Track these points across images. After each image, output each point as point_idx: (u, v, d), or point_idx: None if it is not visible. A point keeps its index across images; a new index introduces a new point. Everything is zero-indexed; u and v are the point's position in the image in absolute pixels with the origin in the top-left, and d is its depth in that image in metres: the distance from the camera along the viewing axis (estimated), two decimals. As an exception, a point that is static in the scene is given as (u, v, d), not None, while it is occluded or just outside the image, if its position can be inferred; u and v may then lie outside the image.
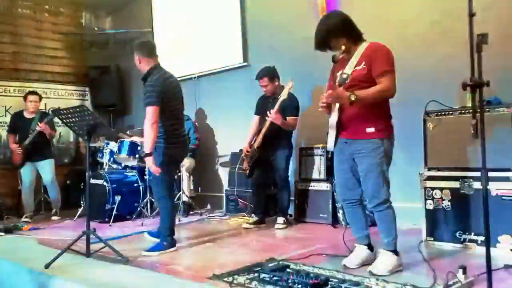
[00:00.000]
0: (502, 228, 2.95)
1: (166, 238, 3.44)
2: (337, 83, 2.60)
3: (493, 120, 2.98)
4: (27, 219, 5.30)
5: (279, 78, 4.47)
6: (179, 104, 3.64)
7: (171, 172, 3.58)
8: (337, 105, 2.68)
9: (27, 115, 5.52)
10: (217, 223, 4.88)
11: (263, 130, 4.34)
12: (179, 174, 5.05)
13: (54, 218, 5.52)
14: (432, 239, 3.32)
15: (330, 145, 2.75)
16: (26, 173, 5.46)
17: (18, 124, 5.51)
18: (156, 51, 3.61)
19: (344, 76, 2.66)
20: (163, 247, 3.39)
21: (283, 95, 4.18)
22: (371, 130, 2.62)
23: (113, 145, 5.52)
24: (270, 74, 4.43)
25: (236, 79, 5.80)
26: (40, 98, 5.64)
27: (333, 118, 2.70)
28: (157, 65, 3.56)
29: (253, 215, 4.58)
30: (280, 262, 2.78)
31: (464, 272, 2.25)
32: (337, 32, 2.66)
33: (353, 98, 2.50)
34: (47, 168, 5.49)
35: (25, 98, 5.56)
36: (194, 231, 3.62)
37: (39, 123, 5.30)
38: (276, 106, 4.19)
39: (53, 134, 5.58)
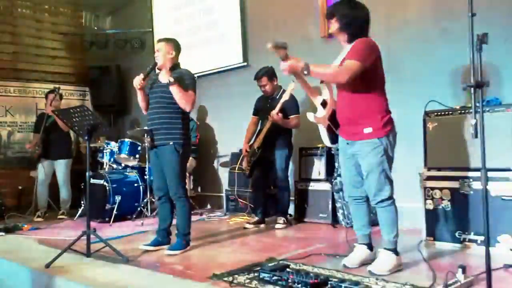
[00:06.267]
0: (501, 228, 2.95)
1: (187, 237, 3.48)
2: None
3: (493, 120, 2.97)
4: (39, 219, 5.32)
5: (277, 77, 4.48)
6: None
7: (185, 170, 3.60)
8: (319, 99, 2.72)
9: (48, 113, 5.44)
10: (217, 223, 4.88)
11: (264, 130, 4.35)
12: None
13: (60, 216, 5.44)
14: (432, 239, 3.32)
15: (326, 141, 2.77)
16: (41, 170, 5.46)
17: (40, 123, 5.46)
18: None
19: None
20: (183, 246, 3.42)
21: (285, 97, 4.18)
22: (368, 130, 2.63)
23: (114, 145, 5.52)
24: (268, 73, 4.43)
25: (236, 79, 5.80)
26: (60, 97, 5.57)
27: (319, 113, 2.72)
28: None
29: (253, 215, 4.58)
30: (280, 262, 2.78)
31: (464, 272, 2.25)
32: (341, 16, 2.71)
33: (304, 69, 2.53)
34: (61, 168, 5.48)
35: (46, 97, 5.58)
36: (194, 231, 3.63)
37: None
38: (277, 108, 4.20)
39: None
